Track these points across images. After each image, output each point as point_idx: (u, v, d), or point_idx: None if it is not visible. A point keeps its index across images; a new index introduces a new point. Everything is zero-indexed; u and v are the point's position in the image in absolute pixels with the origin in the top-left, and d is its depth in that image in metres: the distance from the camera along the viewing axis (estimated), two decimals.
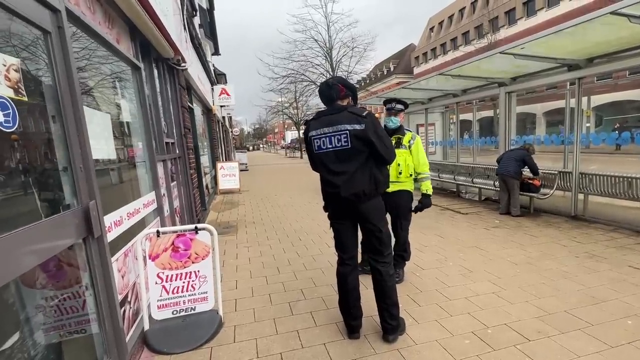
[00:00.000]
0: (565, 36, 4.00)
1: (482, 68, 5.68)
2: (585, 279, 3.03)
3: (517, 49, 4.45)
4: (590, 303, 2.61)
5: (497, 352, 2.06)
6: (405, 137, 3.06)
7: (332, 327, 2.40)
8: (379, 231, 2.09)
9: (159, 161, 3.54)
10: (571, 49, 4.61)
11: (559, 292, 2.81)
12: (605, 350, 2.04)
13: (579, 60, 4.90)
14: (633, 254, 3.58)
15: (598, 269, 3.26)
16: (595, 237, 4.24)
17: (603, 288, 2.85)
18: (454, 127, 9.41)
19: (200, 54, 7.09)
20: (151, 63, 3.59)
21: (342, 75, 16.02)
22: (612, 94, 19.33)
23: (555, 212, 5.54)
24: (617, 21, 3.44)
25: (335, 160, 1.98)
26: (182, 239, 2.34)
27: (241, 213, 6.61)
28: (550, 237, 4.29)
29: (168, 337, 2.24)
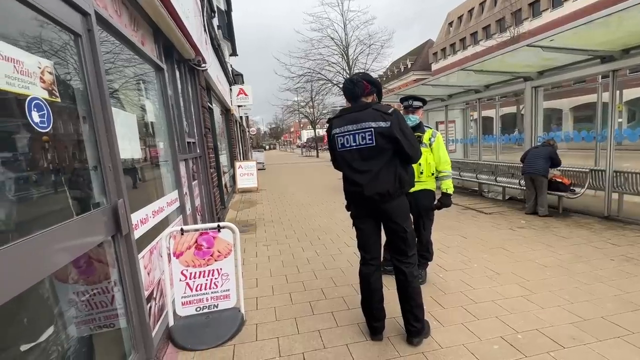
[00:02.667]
0: (598, 26, 3.79)
1: (507, 62, 5.46)
2: (622, 284, 2.85)
3: (545, 41, 4.24)
4: (630, 309, 2.45)
5: (529, 358, 1.97)
6: (426, 135, 2.97)
7: (354, 328, 2.36)
8: (404, 231, 2.03)
9: (181, 160, 3.61)
10: (605, 39, 4.34)
11: (594, 297, 2.65)
12: None
13: (613, 52, 4.62)
14: None
15: (637, 273, 3.06)
16: (632, 239, 3.99)
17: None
18: (474, 124, 9.14)
19: (219, 54, 7.19)
20: (173, 64, 3.66)
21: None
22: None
23: (586, 212, 5.27)
24: None
25: (359, 158, 1.94)
26: (205, 237, 2.37)
27: (259, 212, 6.67)
28: (582, 239, 4.07)
29: (192, 334, 2.27)
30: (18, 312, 1.43)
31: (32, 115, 1.27)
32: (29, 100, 1.26)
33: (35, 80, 1.31)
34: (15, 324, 1.41)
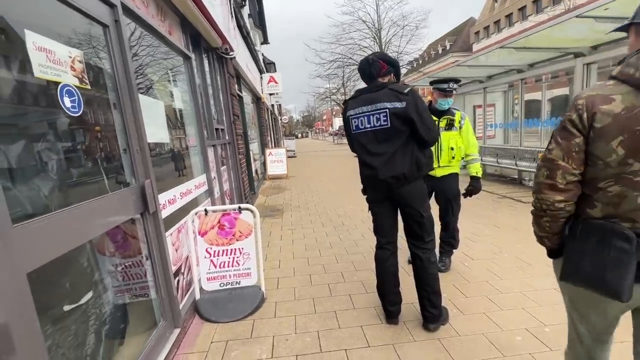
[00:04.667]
0: None
1: (553, 37, 4.95)
2: None
3: (599, 11, 3.78)
4: None
5: (555, 352, 1.86)
6: (456, 118, 2.85)
7: (370, 311, 2.38)
8: (420, 216, 1.98)
9: (210, 146, 3.77)
10: None
11: None
12: None
13: None
14: None
15: None
16: None
17: None
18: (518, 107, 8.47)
19: (248, 42, 7.30)
20: (201, 53, 3.79)
21: (391, 56, 15.32)
22: None
23: None
24: None
25: (374, 140, 1.90)
26: (228, 218, 2.49)
27: (287, 198, 6.81)
28: None
29: (216, 307, 2.43)
30: (61, 278, 1.63)
31: (64, 101, 1.40)
32: (60, 87, 1.38)
33: (66, 68, 1.44)
34: (59, 287, 1.61)
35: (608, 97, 0.95)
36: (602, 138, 0.95)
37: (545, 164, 1.07)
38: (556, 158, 1.04)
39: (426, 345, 1.98)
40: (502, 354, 1.87)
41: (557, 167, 1.03)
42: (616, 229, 0.96)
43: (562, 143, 1.03)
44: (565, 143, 1.02)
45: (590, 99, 0.98)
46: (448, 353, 1.90)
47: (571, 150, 1.01)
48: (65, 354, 1.52)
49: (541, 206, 1.09)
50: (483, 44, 35.33)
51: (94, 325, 1.78)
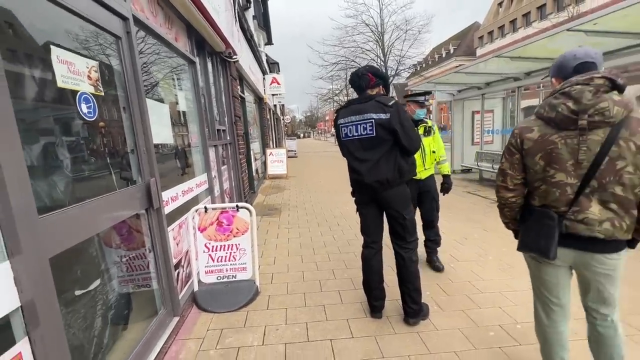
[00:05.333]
0: None
1: (548, 48, 5.10)
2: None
3: (588, 25, 3.93)
4: None
5: (523, 347, 2.02)
6: (428, 125, 3.12)
7: (356, 306, 2.54)
8: (403, 218, 2.14)
9: (211, 146, 3.95)
10: None
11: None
12: None
13: None
14: None
15: None
16: None
17: None
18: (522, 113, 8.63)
19: (251, 45, 7.48)
20: (205, 57, 3.97)
21: (394, 59, 15.48)
22: None
23: None
24: None
25: (361, 147, 2.07)
26: (226, 215, 2.66)
27: (286, 197, 6.98)
28: None
29: (213, 298, 2.60)
30: (73, 265, 1.80)
31: (82, 107, 1.57)
32: (79, 95, 1.55)
33: (84, 78, 1.61)
34: (72, 274, 1.78)
35: (530, 128, 1.42)
36: (529, 155, 1.43)
37: (500, 172, 1.55)
38: (506, 168, 1.51)
39: (405, 338, 2.14)
40: (474, 347, 2.03)
41: (506, 175, 1.51)
42: (545, 212, 1.42)
43: (508, 158, 1.50)
44: (510, 158, 1.50)
45: (520, 129, 1.45)
46: (424, 345, 2.06)
47: (514, 163, 1.49)
48: (75, 334, 1.69)
49: (501, 201, 1.58)
50: (487, 48, 35.44)
51: (100, 310, 1.95)
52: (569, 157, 1.32)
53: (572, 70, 1.37)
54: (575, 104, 1.27)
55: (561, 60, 1.44)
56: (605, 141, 1.25)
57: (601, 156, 1.26)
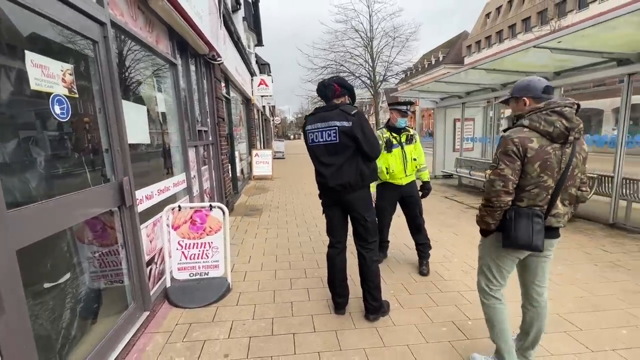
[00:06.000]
0: (606, 29, 3.71)
1: (520, 62, 5.38)
2: (595, 287, 2.93)
3: (553, 43, 4.18)
4: (589, 310, 2.56)
5: (471, 340, 2.18)
6: (410, 133, 3.25)
7: (322, 303, 2.67)
8: (364, 220, 2.29)
9: (191, 147, 4.02)
10: (620, 42, 4.21)
11: (559, 296, 2.77)
12: (583, 353, 2.06)
13: (630, 55, 4.45)
14: None
15: (615, 279, 3.10)
16: (629, 247, 3.95)
17: (611, 297, 2.75)
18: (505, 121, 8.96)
19: (239, 47, 7.56)
20: (187, 59, 4.05)
21: (382, 65, 15.78)
22: None
23: (593, 219, 5.17)
24: None
25: (325, 152, 2.20)
26: (199, 214, 2.75)
27: (268, 198, 7.08)
28: (575, 244, 4.08)
29: (184, 295, 2.68)
30: (44, 259, 1.87)
31: (55, 108, 1.66)
32: (52, 97, 1.64)
33: (58, 80, 1.70)
34: (41, 267, 1.85)
35: (530, 139, 1.59)
36: (530, 162, 1.60)
37: (501, 178, 1.63)
38: (508, 174, 1.62)
39: (364, 332, 2.28)
40: (425, 341, 2.18)
41: (508, 180, 1.62)
42: (535, 212, 1.64)
43: (510, 165, 1.62)
44: (512, 165, 1.62)
45: (521, 139, 1.59)
46: (381, 339, 2.21)
47: (515, 169, 1.62)
48: (43, 324, 1.76)
49: (500, 205, 1.66)
50: (474, 57, 36.34)
51: (69, 303, 2.02)
52: (556, 165, 1.60)
53: (542, 91, 1.69)
54: (568, 122, 1.56)
55: (529, 82, 1.74)
56: (571, 153, 1.60)
57: (569, 165, 1.61)
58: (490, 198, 1.66)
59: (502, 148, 1.63)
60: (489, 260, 1.84)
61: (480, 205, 1.76)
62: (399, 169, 3.19)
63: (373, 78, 15.67)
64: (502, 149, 1.63)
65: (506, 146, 1.61)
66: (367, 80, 16.07)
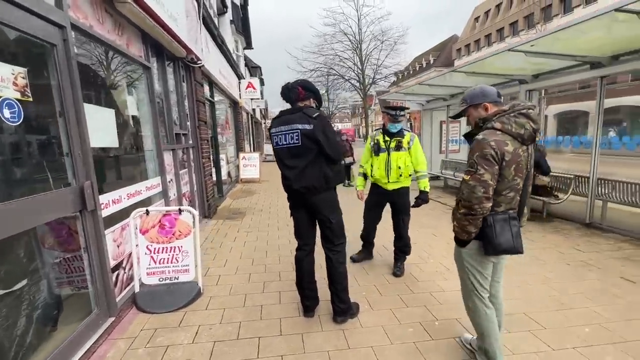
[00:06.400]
0: (576, 33, 3.79)
1: (497, 65, 5.47)
2: (564, 286, 2.97)
3: (526, 46, 4.27)
4: (556, 309, 2.60)
5: (435, 341, 2.19)
6: (405, 139, 3.17)
7: (293, 306, 2.66)
8: (330, 222, 2.29)
9: (168, 150, 4.00)
10: (591, 45, 4.31)
11: (528, 296, 2.80)
12: (544, 352, 2.08)
13: (601, 58, 4.56)
14: (634, 266, 3.39)
15: (585, 277, 3.16)
16: (602, 246, 4.02)
17: (579, 296, 2.79)
18: None
19: (223, 50, 7.55)
20: (164, 62, 4.03)
21: (371, 68, 15.90)
22: None
23: (570, 219, 5.26)
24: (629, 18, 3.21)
25: (289, 155, 2.21)
26: (168, 218, 2.73)
27: (254, 201, 7.05)
28: (551, 243, 4.14)
29: (153, 300, 2.65)
30: None
31: (4, 112, 1.63)
32: (1, 101, 1.62)
33: (9, 84, 1.67)
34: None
35: (505, 142, 1.58)
36: (508, 166, 1.59)
37: (481, 183, 1.58)
38: (488, 179, 1.57)
39: (330, 335, 2.27)
40: (390, 342, 2.19)
41: (489, 185, 1.58)
42: (512, 215, 1.67)
43: (489, 169, 1.57)
44: (491, 169, 1.57)
45: (497, 143, 1.57)
46: (346, 341, 2.21)
47: (494, 174, 1.58)
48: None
49: (482, 212, 1.61)
50: (464, 60, 36.83)
51: (25, 310, 1.98)
52: (524, 166, 1.63)
53: (497, 95, 1.74)
54: (534, 124, 1.60)
55: (483, 89, 1.76)
56: (532, 153, 1.68)
57: (532, 165, 1.68)
58: (473, 205, 1.58)
59: (479, 152, 1.56)
60: (473, 270, 1.79)
61: (460, 215, 1.67)
62: (381, 174, 3.20)
63: (362, 81, 15.77)
64: (479, 153, 1.56)
65: (483, 150, 1.55)
66: (356, 83, 16.17)
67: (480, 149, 1.57)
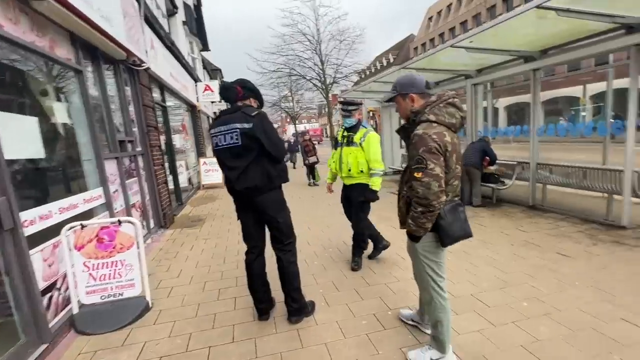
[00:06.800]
0: (509, 29, 4.07)
1: (444, 61, 5.74)
2: (508, 266, 3.17)
3: (465, 42, 4.51)
4: (499, 287, 2.76)
5: (386, 330, 2.24)
6: (357, 135, 3.14)
7: (248, 311, 2.59)
8: (276, 222, 2.26)
9: (110, 159, 3.75)
10: (523, 41, 4.66)
11: (476, 278, 2.96)
12: (487, 329, 2.20)
13: (533, 52, 4.94)
14: (568, 241, 3.70)
15: (526, 256, 3.39)
16: (542, 225, 4.35)
17: (520, 274, 2.99)
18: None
19: (174, 52, 7.24)
20: (100, 65, 3.76)
21: (332, 68, 16.06)
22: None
23: (517, 202, 5.64)
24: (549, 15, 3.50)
25: (230, 156, 2.15)
26: (107, 231, 2.55)
27: (215, 207, 6.83)
28: (498, 227, 4.41)
29: (95, 320, 2.46)
30: None
31: None
32: None
33: None
34: None
35: (443, 133, 1.61)
36: (450, 156, 1.62)
37: (435, 178, 1.57)
38: (439, 172, 1.57)
39: (284, 336, 2.24)
40: (344, 337, 2.20)
41: (441, 178, 1.58)
42: (457, 202, 1.73)
43: (437, 162, 1.57)
44: (439, 162, 1.58)
45: (438, 135, 1.58)
46: (300, 341, 2.18)
47: (442, 166, 1.59)
48: None
49: (439, 206, 1.60)
50: None
51: None
52: (459, 153, 1.69)
53: (425, 86, 1.75)
54: (461, 112, 1.68)
55: (413, 78, 1.78)
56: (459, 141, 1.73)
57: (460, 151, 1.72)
58: (431, 202, 1.56)
59: (424, 147, 1.55)
60: (430, 262, 1.79)
61: (417, 213, 1.62)
62: (336, 167, 3.32)
63: (324, 80, 15.89)
64: (424, 148, 1.55)
65: (428, 144, 1.55)
66: (318, 83, 16.26)
67: (424, 143, 1.56)
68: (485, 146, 5.54)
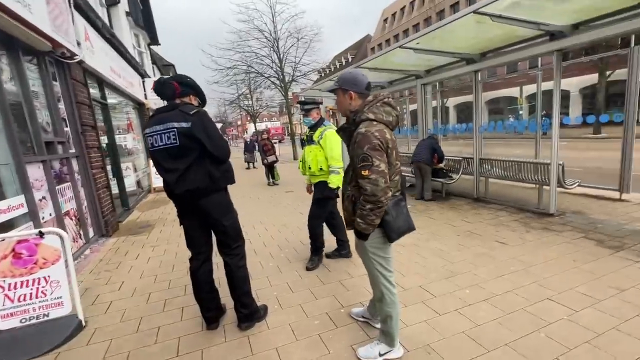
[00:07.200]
0: (450, 33, 4.30)
1: (395, 62, 5.93)
2: (453, 256, 3.35)
3: (412, 44, 4.69)
4: (445, 277, 2.91)
5: (338, 329, 2.24)
6: (316, 133, 3.14)
7: (196, 320, 2.45)
8: (222, 225, 2.15)
9: (34, 162, 3.34)
10: (465, 44, 4.95)
11: (425, 269, 3.08)
12: (431, 318, 2.30)
13: (473, 55, 5.28)
14: (506, 230, 4.02)
15: (469, 245, 3.61)
16: (484, 216, 4.68)
17: (464, 263, 3.17)
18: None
19: (114, 44, 6.66)
20: (19, 57, 3.32)
21: (289, 66, 15.89)
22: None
23: (464, 195, 6.02)
24: (485, 20, 3.75)
25: (167, 157, 2.00)
26: (25, 245, 2.25)
27: (166, 211, 6.43)
28: (446, 219, 4.67)
29: (14, 346, 2.17)
30: None
31: None
32: None
33: None
34: None
35: (384, 131, 1.66)
36: (391, 153, 1.67)
37: (382, 175, 1.60)
38: (384, 169, 1.61)
39: (234, 344, 2.15)
40: (295, 339, 2.16)
41: (386, 174, 1.62)
42: (399, 197, 1.78)
43: (382, 159, 1.62)
44: (383, 159, 1.62)
45: (379, 132, 1.63)
46: (250, 348, 2.11)
47: (386, 162, 1.64)
48: None
49: (387, 202, 1.65)
50: None
51: None
52: (398, 150, 1.75)
53: (365, 87, 1.77)
54: (396, 111, 1.75)
55: (356, 76, 1.78)
56: None
57: None
58: (380, 198, 1.59)
59: (369, 144, 1.58)
60: (378, 259, 1.80)
61: (366, 211, 1.63)
62: (301, 166, 3.32)
63: (282, 79, 15.66)
64: (369, 146, 1.58)
65: (372, 141, 1.59)
66: (276, 81, 15.99)
67: (368, 141, 1.59)
68: (434, 143, 5.84)
